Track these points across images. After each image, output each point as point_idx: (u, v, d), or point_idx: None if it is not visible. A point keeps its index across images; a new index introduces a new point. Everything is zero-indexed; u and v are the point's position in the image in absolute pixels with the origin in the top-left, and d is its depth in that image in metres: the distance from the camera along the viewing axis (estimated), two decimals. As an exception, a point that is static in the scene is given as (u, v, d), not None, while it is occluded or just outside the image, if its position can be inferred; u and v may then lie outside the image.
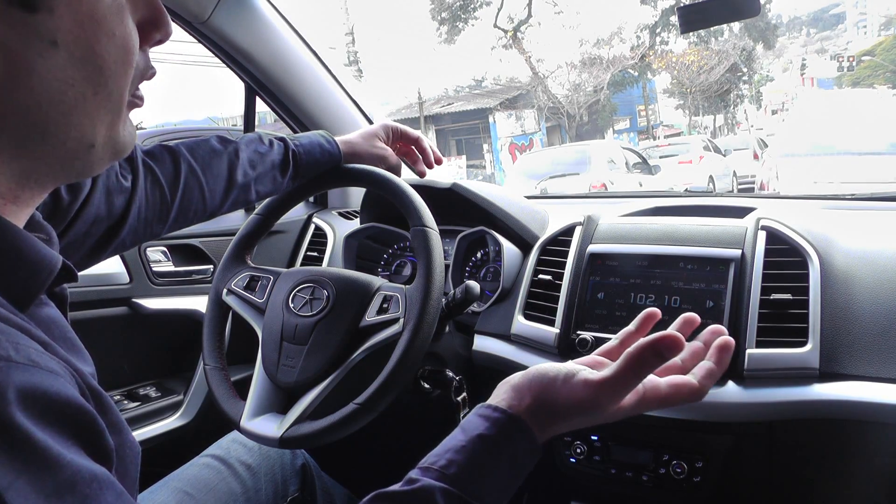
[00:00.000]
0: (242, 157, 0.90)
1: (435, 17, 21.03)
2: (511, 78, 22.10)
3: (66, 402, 0.34)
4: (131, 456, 0.42)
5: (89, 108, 0.40)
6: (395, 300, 0.86)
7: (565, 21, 22.16)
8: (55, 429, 0.32)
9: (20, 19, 0.36)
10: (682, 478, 0.93)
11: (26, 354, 0.33)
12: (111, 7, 0.40)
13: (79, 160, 0.42)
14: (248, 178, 0.90)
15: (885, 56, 24.14)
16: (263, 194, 0.94)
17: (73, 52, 0.38)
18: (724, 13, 1.10)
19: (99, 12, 0.39)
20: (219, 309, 0.98)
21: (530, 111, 21.09)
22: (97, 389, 0.39)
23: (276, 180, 0.94)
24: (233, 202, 0.91)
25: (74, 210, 0.68)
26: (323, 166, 0.97)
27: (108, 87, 0.41)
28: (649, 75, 24.10)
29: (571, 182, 8.46)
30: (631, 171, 9.18)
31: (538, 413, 0.54)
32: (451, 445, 0.51)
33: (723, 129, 26.96)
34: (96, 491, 0.33)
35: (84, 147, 0.41)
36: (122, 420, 0.42)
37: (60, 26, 0.37)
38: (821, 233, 0.96)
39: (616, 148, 10.18)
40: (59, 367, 0.36)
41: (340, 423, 0.81)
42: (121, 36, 0.41)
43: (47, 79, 0.38)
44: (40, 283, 0.41)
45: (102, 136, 0.42)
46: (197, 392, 1.36)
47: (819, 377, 0.83)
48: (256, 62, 1.31)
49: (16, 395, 0.31)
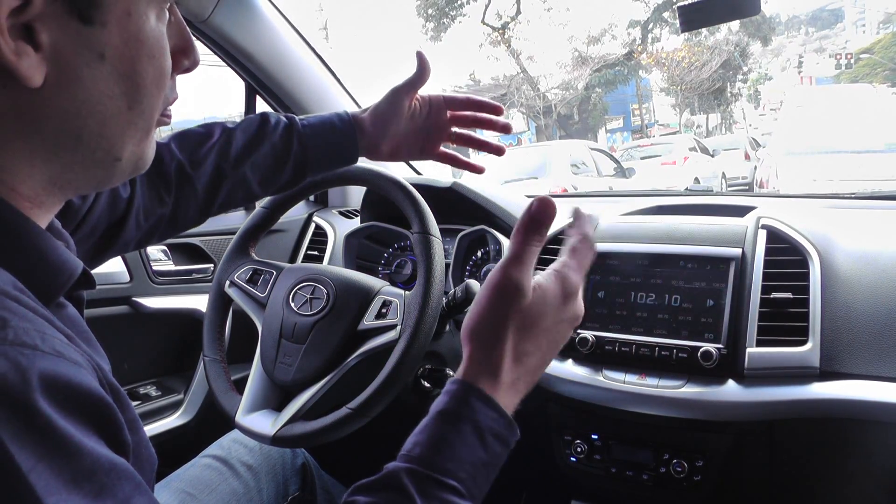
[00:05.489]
0: (236, 143, 0.80)
1: (421, 13, 20.87)
2: (498, 76, 21.98)
3: (89, 393, 0.35)
4: (146, 455, 0.43)
5: (122, 122, 0.43)
6: (393, 306, 0.86)
7: (555, 18, 22.01)
8: (76, 418, 0.33)
9: (76, 29, 0.39)
10: (682, 477, 0.94)
11: (52, 344, 0.34)
12: (154, 31, 0.43)
13: (102, 171, 0.45)
14: (242, 165, 0.80)
15: (884, 54, 24.16)
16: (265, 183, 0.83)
17: (117, 67, 0.41)
18: (724, 12, 1.10)
19: (144, 34, 0.42)
20: (221, 300, 0.98)
21: (518, 110, 21.00)
22: (115, 385, 0.40)
23: (278, 168, 0.82)
24: (228, 194, 0.82)
25: (83, 213, 0.68)
26: (337, 152, 0.85)
27: (142, 104, 0.43)
28: (642, 73, 24.02)
29: (530, 187, 7.62)
30: (601, 175, 8.54)
31: (482, 359, 0.51)
32: (418, 427, 0.51)
33: (719, 128, 26.95)
34: (114, 480, 0.34)
35: (111, 159, 0.44)
36: (139, 419, 0.43)
37: (109, 41, 0.40)
38: (821, 232, 0.96)
39: (583, 149, 9.17)
40: (83, 359, 0.37)
41: (333, 426, 0.81)
42: (159, 58, 0.44)
43: (90, 89, 0.40)
44: (60, 285, 0.43)
45: (129, 152, 0.45)
46: (197, 391, 1.36)
47: (819, 376, 0.83)
48: (256, 61, 1.31)
49: (40, 383, 0.32)
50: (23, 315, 0.35)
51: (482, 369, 0.51)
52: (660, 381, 0.92)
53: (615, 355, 0.96)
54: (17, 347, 0.32)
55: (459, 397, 0.51)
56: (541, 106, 20.75)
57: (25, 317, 0.35)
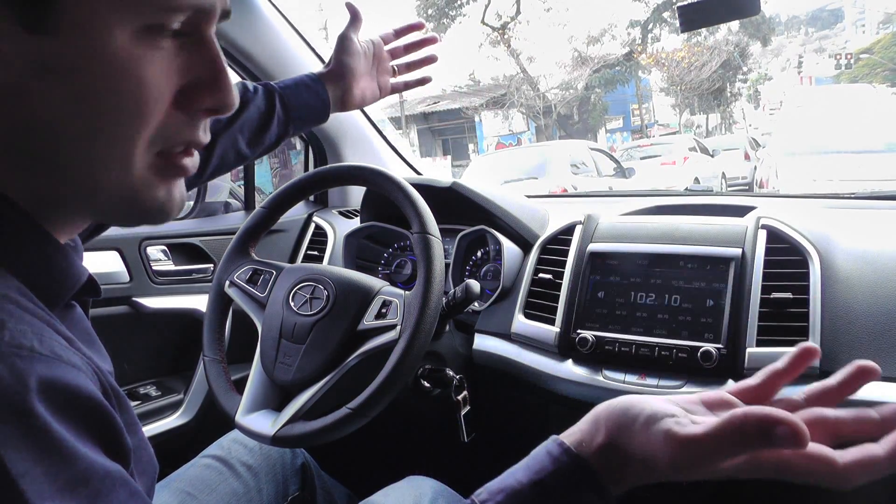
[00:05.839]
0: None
1: (421, 13, 20.84)
2: (498, 76, 21.97)
3: (87, 397, 0.34)
4: (147, 458, 0.42)
5: (86, 149, 0.38)
6: (393, 306, 0.86)
7: (555, 18, 21.94)
8: (73, 422, 0.33)
9: (22, 38, 0.35)
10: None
11: (50, 347, 0.34)
12: (122, 52, 0.37)
13: (87, 203, 0.41)
14: (232, 128, 0.87)
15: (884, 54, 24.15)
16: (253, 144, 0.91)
17: (71, 85, 0.36)
18: (724, 12, 1.10)
19: (105, 52, 0.36)
20: (220, 300, 0.98)
21: (518, 110, 21.01)
22: (116, 388, 0.40)
23: (263, 129, 0.90)
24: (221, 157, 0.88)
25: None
26: (314, 108, 0.94)
27: (108, 133, 0.38)
28: (642, 73, 23.99)
29: (529, 187, 7.61)
30: (601, 175, 8.46)
31: (611, 457, 0.45)
32: (507, 485, 0.45)
33: (719, 128, 26.92)
34: (109, 487, 0.33)
35: (87, 189, 0.40)
36: (138, 423, 0.42)
37: (62, 54, 0.36)
38: (821, 232, 0.96)
39: (582, 149, 9.10)
40: (82, 362, 0.36)
41: (333, 427, 0.81)
42: (129, 84, 0.37)
43: (44, 105, 0.36)
44: (65, 291, 0.42)
45: (111, 186, 0.40)
46: (197, 391, 1.36)
47: (819, 376, 0.82)
48: (256, 61, 1.31)
49: (37, 385, 0.31)
50: (20, 318, 0.34)
51: (605, 467, 0.45)
52: (660, 382, 0.92)
53: (615, 355, 0.96)
54: (13, 349, 0.32)
55: (571, 478, 0.44)
56: (540, 106, 20.73)
57: (23, 319, 0.34)
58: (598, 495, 0.44)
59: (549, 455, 0.46)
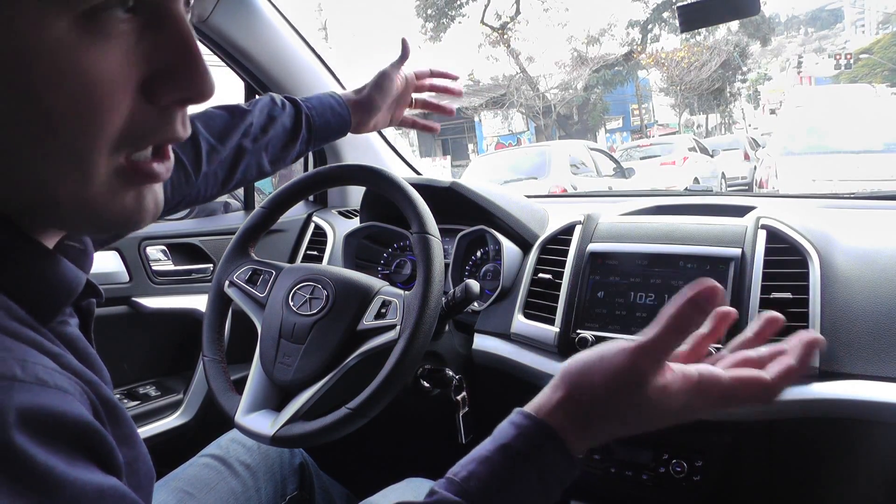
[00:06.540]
0: (255, 123, 0.89)
1: (421, 13, 20.83)
2: (498, 76, 21.95)
3: (74, 421, 0.32)
4: (144, 470, 0.41)
5: (34, 155, 0.34)
6: (392, 306, 0.86)
7: (554, 18, 21.93)
8: (59, 448, 0.31)
9: None
10: (681, 477, 0.94)
11: (33, 373, 0.32)
12: (65, 41, 0.32)
13: (47, 215, 0.37)
14: (258, 144, 0.89)
15: (883, 54, 24.15)
16: (275, 161, 0.93)
17: (4, 89, 0.32)
18: (724, 12, 1.10)
19: (44, 46, 0.31)
20: (220, 300, 0.98)
21: (517, 110, 21.00)
22: (111, 401, 0.38)
23: (287, 146, 0.93)
24: (244, 172, 0.90)
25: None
26: (335, 130, 0.97)
27: (58, 136, 0.33)
28: (641, 73, 23.97)
29: (529, 187, 7.63)
30: (600, 175, 8.51)
31: (570, 409, 0.48)
32: (478, 455, 0.47)
33: (719, 128, 26.92)
34: None
35: (45, 200, 0.35)
36: (137, 433, 0.41)
37: None
38: (821, 232, 0.96)
39: (582, 149, 9.14)
40: (70, 383, 0.34)
41: (332, 427, 0.81)
42: (81, 79, 0.33)
43: None
44: (60, 303, 0.40)
45: (68, 197, 0.35)
46: (197, 391, 1.36)
47: (819, 376, 0.83)
48: (256, 61, 1.31)
49: (17, 417, 0.29)
50: (1, 343, 0.32)
51: (568, 422, 0.48)
52: (659, 381, 0.92)
53: (615, 355, 0.96)
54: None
55: (532, 439, 0.47)
56: (540, 106, 20.73)
57: (3, 345, 0.32)
58: (561, 454, 0.47)
59: (511, 423, 0.49)
